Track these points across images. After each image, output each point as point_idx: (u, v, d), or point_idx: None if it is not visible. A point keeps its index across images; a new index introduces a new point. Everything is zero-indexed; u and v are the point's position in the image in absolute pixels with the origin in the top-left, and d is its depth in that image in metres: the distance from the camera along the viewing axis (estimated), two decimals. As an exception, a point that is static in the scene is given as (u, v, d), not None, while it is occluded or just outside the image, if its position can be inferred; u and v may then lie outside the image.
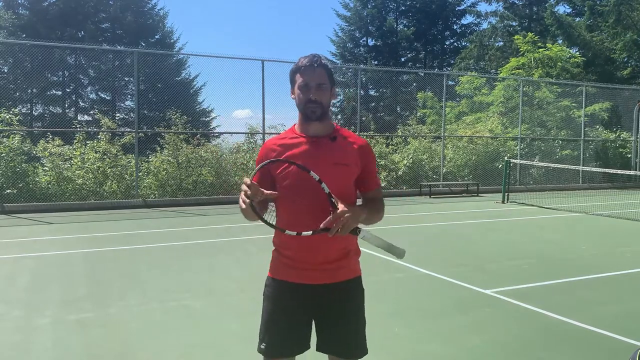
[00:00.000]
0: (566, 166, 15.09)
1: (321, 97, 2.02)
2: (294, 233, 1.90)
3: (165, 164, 13.60)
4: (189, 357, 3.54)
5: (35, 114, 22.63)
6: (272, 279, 2.13)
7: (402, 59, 35.36)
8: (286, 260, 2.08)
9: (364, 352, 2.13)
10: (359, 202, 2.15)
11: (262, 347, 2.09)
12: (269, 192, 1.92)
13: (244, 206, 1.89)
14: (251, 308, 4.34)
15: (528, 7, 31.91)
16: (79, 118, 22.78)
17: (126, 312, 4.46)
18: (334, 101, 2.13)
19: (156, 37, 26.93)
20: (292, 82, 2.09)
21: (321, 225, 1.88)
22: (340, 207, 1.88)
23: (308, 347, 2.11)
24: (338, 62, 32.68)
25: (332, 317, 2.07)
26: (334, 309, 2.07)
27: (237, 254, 6.96)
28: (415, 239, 8.02)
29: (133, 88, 16.30)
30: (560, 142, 19.13)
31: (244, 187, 1.87)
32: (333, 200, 1.92)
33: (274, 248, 2.16)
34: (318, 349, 2.10)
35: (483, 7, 48.97)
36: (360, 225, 1.98)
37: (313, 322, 2.12)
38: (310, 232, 1.90)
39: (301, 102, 2.04)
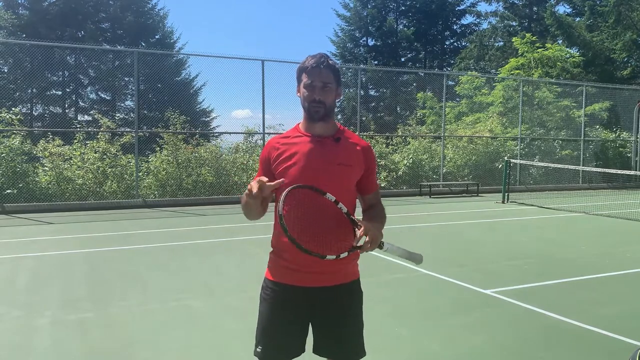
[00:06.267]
0: (566, 166, 15.09)
1: (325, 97, 2.03)
2: (334, 257, 1.85)
3: (165, 164, 13.60)
4: (189, 357, 3.54)
5: (35, 114, 22.63)
6: (271, 281, 2.11)
7: (402, 59, 35.36)
8: (285, 262, 2.06)
9: (362, 354, 2.12)
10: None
11: (257, 350, 2.08)
12: (274, 182, 1.89)
13: (252, 195, 1.84)
14: (251, 308, 4.32)
15: (528, 7, 31.91)
16: (79, 118, 22.80)
17: (126, 312, 4.46)
18: (337, 100, 2.14)
19: (156, 37, 26.92)
20: (299, 80, 2.09)
21: (354, 244, 1.87)
22: (364, 224, 1.89)
23: (304, 350, 2.09)
24: (338, 62, 32.67)
25: (330, 320, 2.06)
26: (332, 312, 2.06)
27: (236, 254, 6.96)
28: (415, 239, 8.02)
29: (133, 88, 16.31)
30: (560, 142, 19.13)
31: (253, 183, 1.86)
32: (352, 218, 1.92)
33: (271, 250, 2.15)
34: (315, 351, 2.09)
35: (483, 7, 48.93)
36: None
37: (310, 325, 2.11)
38: (346, 253, 1.87)
39: (306, 101, 2.05)
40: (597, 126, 20.11)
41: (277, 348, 2.06)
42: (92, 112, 19.61)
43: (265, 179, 1.87)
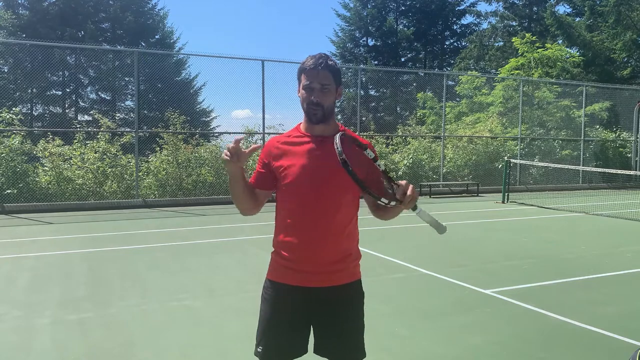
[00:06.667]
0: (566, 166, 15.10)
1: (323, 99, 2.02)
2: (386, 202, 1.84)
3: (165, 164, 13.61)
4: (189, 357, 3.54)
5: (35, 114, 22.61)
6: (271, 281, 2.11)
7: (402, 59, 35.36)
8: (286, 262, 2.06)
9: (362, 355, 2.11)
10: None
11: (258, 350, 2.07)
12: (249, 149, 1.95)
13: (228, 159, 1.90)
14: (251, 308, 4.34)
15: (528, 7, 31.92)
16: (79, 118, 22.80)
17: (126, 312, 4.46)
18: (337, 100, 2.13)
19: (156, 37, 26.91)
20: (299, 80, 2.09)
21: (397, 196, 1.86)
22: (402, 181, 1.89)
23: (305, 351, 2.08)
24: (338, 62, 32.61)
25: (330, 321, 2.05)
26: (333, 313, 2.05)
27: (236, 254, 6.96)
28: (415, 239, 8.02)
29: (133, 88, 16.31)
30: (560, 142, 19.14)
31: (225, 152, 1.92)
32: (389, 175, 1.94)
33: (273, 250, 2.15)
34: (315, 351, 2.09)
35: (483, 7, 49.01)
36: None
37: (311, 326, 2.10)
38: (394, 203, 1.86)
39: (304, 102, 2.05)
40: (597, 126, 20.11)
41: (278, 348, 2.05)
42: (92, 112, 19.59)
43: (232, 144, 1.90)
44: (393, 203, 1.86)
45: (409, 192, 1.85)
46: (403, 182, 1.88)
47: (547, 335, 3.96)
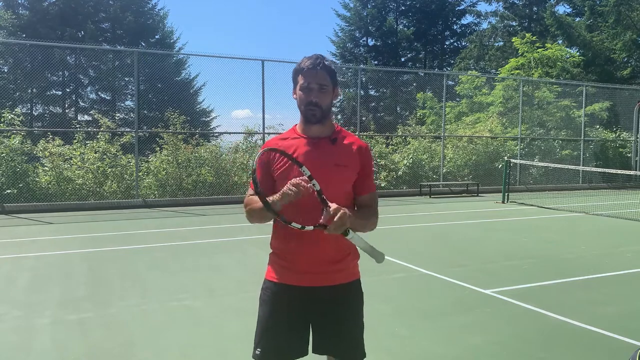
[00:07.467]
0: (566, 166, 15.09)
1: (321, 99, 2.01)
2: (299, 226, 1.81)
3: (165, 164, 13.61)
4: (189, 357, 3.54)
5: (35, 114, 22.59)
6: (270, 282, 2.10)
7: (402, 59, 35.36)
8: (285, 263, 2.06)
9: (362, 355, 2.11)
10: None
11: (257, 352, 2.06)
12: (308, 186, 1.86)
13: (293, 192, 1.85)
14: (251, 308, 4.32)
15: (528, 7, 31.92)
16: (79, 118, 22.80)
17: (126, 312, 4.46)
18: (334, 101, 2.12)
19: (156, 37, 26.90)
20: (295, 82, 2.08)
21: (321, 221, 1.83)
22: (333, 205, 1.84)
23: (305, 354, 2.07)
24: (338, 62, 32.66)
25: (330, 320, 2.05)
26: (332, 312, 2.05)
27: (236, 253, 6.96)
28: (415, 239, 8.02)
29: (133, 88, 16.31)
30: (560, 142, 19.14)
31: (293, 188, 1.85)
32: (323, 197, 1.87)
33: (271, 251, 2.14)
34: (314, 350, 2.08)
35: (483, 7, 49.00)
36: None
37: (310, 327, 2.09)
38: (312, 228, 1.83)
39: (302, 103, 2.04)
40: (597, 126, 20.11)
41: (277, 350, 2.04)
42: (92, 112, 19.59)
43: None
44: (310, 228, 1.83)
45: (336, 218, 1.81)
46: (334, 206, 1.83)
47: (547, 335, 3.96)
